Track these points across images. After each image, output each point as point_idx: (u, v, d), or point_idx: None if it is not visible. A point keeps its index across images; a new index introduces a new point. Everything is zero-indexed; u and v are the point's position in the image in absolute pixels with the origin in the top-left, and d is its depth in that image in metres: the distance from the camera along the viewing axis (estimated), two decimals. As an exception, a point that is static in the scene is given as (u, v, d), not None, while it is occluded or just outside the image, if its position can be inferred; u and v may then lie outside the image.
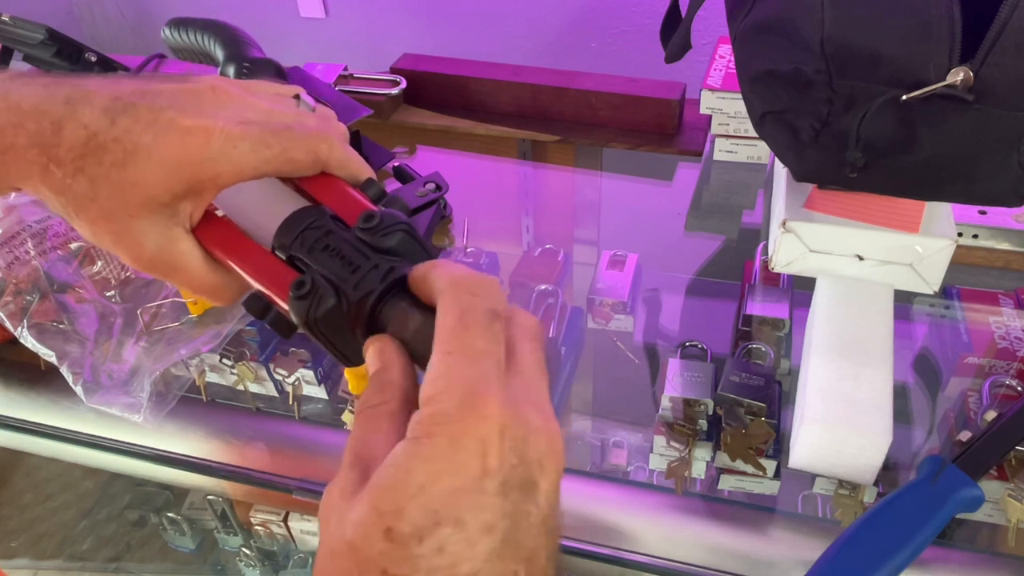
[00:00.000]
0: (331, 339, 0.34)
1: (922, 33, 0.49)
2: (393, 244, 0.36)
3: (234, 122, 0.36)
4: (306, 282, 0.34)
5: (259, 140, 0.36)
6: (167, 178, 0.35)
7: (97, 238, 0.37)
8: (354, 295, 0.34)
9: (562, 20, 1.44)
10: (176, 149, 0.35)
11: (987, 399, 0.60)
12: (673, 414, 0.60)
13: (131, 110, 0.35)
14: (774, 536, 0.56)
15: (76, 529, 1.28)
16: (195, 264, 0.38)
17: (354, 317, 0.34)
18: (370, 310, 0.34)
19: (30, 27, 0.98)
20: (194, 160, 0.35)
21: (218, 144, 0.35)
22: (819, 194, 0.61)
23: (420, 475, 0.26)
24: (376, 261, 0.35)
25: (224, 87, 0.38)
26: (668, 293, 0.77)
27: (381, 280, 0.34)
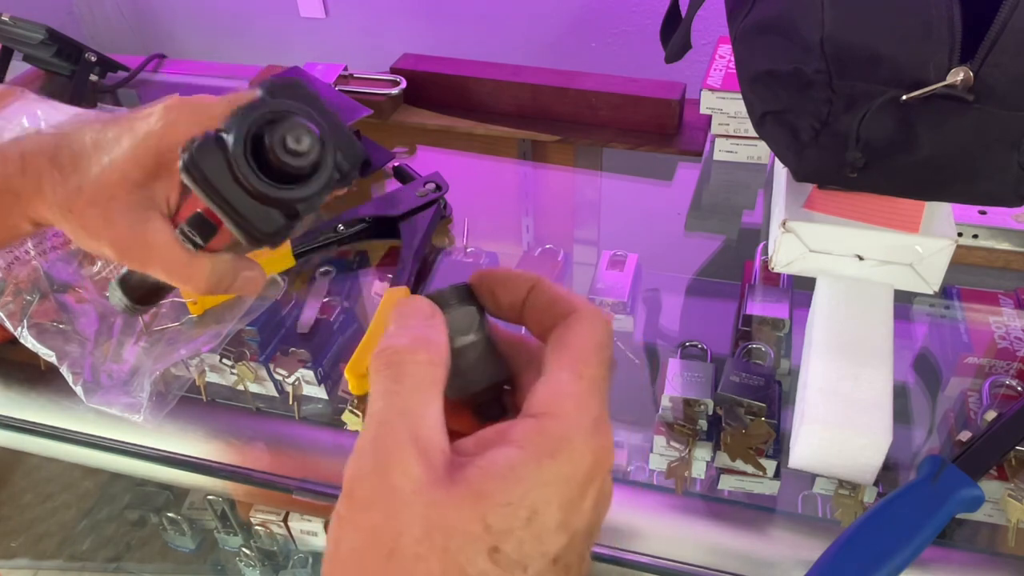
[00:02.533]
0: (218, 188, 0.37)
1: (922, 33, 0.49)
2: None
3: (181, 97, 0.43)
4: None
5: (207, 99, 0.43)
6: (135, 152, 0.41)
7: (83, 230, 0.42)
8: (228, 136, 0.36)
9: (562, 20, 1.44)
10: (139, 126, 0.42)
11: (987, 399, 0.60)
12: (673, 414, 0.60)
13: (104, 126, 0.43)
14: (774, 536, 0.56)
15: (76, 529, 1.28)
16: (169, 246, 0.42)
17: (236, 159, 0.35)
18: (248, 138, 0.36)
19: (30, 27, 0.98)
20: (154, 131, 0.41)
21: (172, 114, 0.42)
22: (819, 194, 0.61)
23: (536, 498, 0.24)
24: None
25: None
26: (668, 293, 0.77)
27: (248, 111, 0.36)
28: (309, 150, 0.36)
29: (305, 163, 0.36)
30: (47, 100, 0.95)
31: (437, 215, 0.78)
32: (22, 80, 1.06)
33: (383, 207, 0.78)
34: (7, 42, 1.02)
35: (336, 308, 0.72)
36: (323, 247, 0.77)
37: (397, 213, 0.77)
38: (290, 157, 0.36)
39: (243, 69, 1.08)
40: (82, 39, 1.03)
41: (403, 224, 0.77)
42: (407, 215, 0.77)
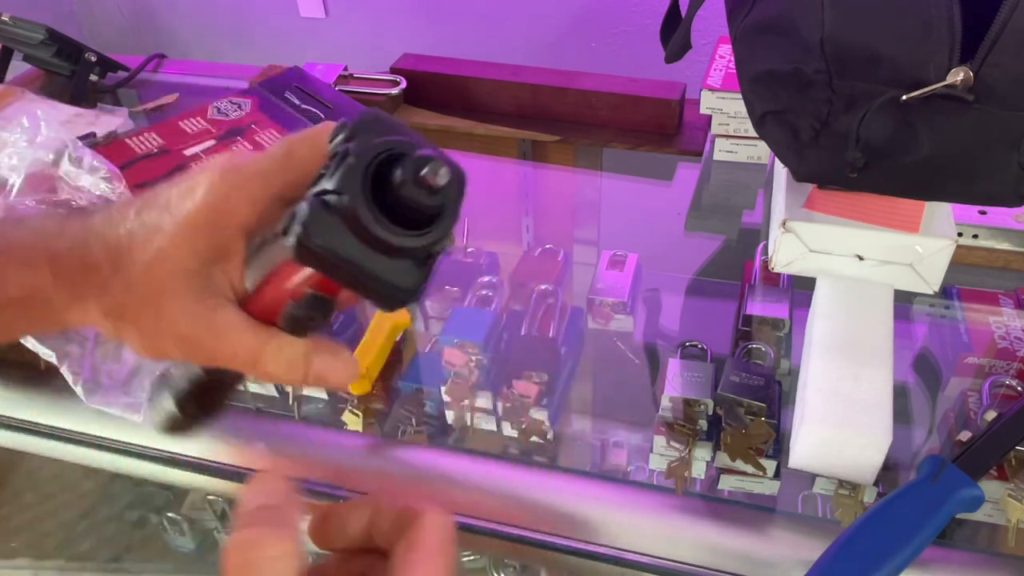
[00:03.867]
0: (346, 258, 0.32)
1: (922, 33, 0.49)
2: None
3: (227, 160, 0.36)
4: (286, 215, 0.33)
5: (260, 160, 0.36)
6: (186, 238, 0.35)
7: (141, 335, 0.36)
8: (336, 194, 0.32)
9: (562, 20, 1.44)
10: (182, 205, 0.35)
11: (987, 399, 0.60)
12: (673, 414, 0.60)
13: (136, 211, 0.36)
14: (774, 536, 0.56)
15: (76, 529, 1.28)
16: (238, 332, 0.36)
17: (351, 214, 0.31)
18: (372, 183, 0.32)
19: (30, 27, 0.98)
20: (202, 208, 0.35)
21: (219, 186, 0.35)
22: (819, 194, 0.61)
23: None
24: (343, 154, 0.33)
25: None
26: (668, 293, 0.77)
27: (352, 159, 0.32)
28: (449, 182, 0.32)
29: (444, 199, 0.32)
30: (47, 100, 0.95)
31: (437, 215, 0.78)
32: (22, 80, 1.06)
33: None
34: (7, 42, 1.02)
35: (336, 308, 0.72)
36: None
37: (397, 213, 0.77)
38: (426, 195, 0.31)
39: (243, 69, 1.08)
40: (82, 39, 1.03)
41: (403, 224, 0.77)
42: (407, 215, 0.77)
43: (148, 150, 0.80)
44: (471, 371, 0.64)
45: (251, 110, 0.85)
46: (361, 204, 0.31)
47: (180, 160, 0.79)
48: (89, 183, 0.73)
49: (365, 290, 0.34)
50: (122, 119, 0.95)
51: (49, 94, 0.98)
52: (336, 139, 0.33)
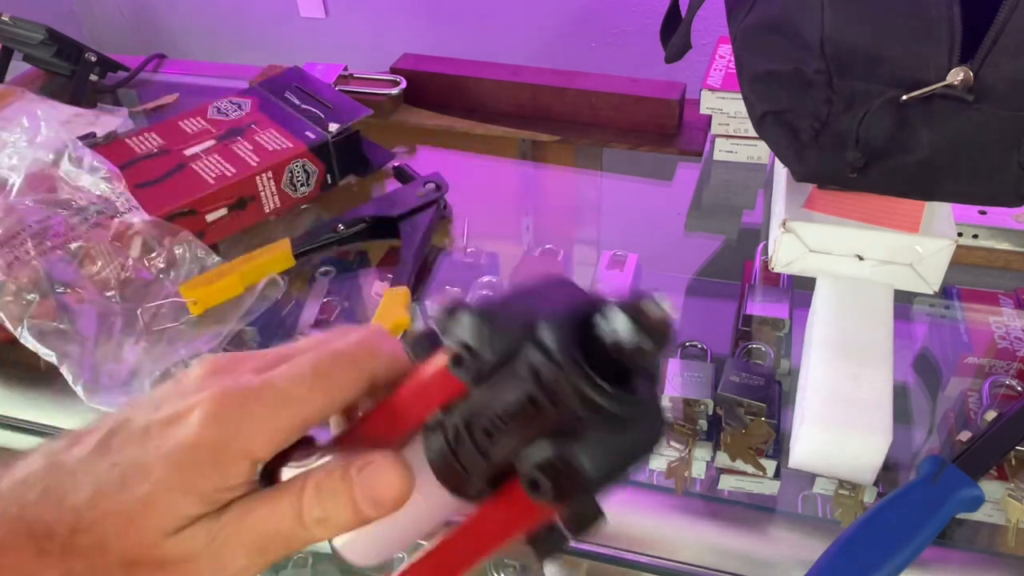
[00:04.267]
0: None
1: (922, 33, 0.49)
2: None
3: (234, 385, 0.28)
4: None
5: (282, 385, 0.28)
6: (182, 480, 0.27)
7: None
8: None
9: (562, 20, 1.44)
10: (175, 437, 0.27)
11: (987, 399, 0.60)
12: (673, 414, 0.60)
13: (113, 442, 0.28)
14: (774, 536, 0.56)
15: (76, 529, 1.28)
16: (267, 519, 0.28)
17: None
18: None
19: (30, 27, 0.98)
20: (204, 443, 0.27)
21: (224, 420, 0.27)
22: (819, 194, 0.61)
23: None
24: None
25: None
26: (668, 293, 0.77)
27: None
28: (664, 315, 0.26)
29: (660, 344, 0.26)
30: (47, 100, 0.95)
31: (437, 215, 0.78)
32: (22, 80, 1.06)
33: (383, 207, 0.78)
34: (7, 42, 1.02)
35: (336, 308, 0.72)
36: (323, 247, 0.77)
37: (397, 213, 0.77)
38: (648, 342, 0.26)
39: (243, 69, 1.08)
40: (82, 39, 1.03)
41: (403, 224, 0.77)
42: (407, 215, 0.77)
43: (148, 150, 0.80)
44: (471, 371, 0.64)
45: (251, 110, 0.85)
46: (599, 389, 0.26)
47: (180, 160, 0.79)
48: (89, 183, 0.73)
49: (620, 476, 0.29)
50: (122, 119, 0.95)
51: (49, 94, 0.98)
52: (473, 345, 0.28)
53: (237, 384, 0.28)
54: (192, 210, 0.75)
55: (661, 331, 0.26)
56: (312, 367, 0.29)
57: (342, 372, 0.29)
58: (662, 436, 0.30)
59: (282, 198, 0.80)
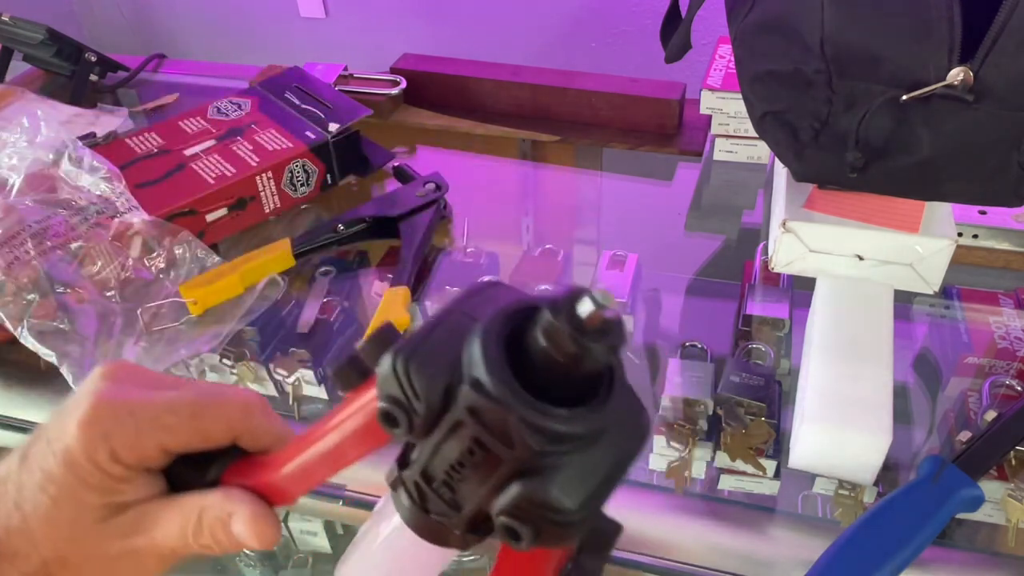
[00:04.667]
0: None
1: (922, 33, 0.49)
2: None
3: (114, 390, 0.32)
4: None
5: (159, 409, 0.32)
6: (73, 476, 0.30)
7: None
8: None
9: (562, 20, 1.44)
10: (50, 454, 0.31)
11: (987, 399, 0.60)
12: (673, 414, 0.60)
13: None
14: (774, 536, 0.56)
15: (76, 529, 1.28)
16: (170, 520, 0.32)
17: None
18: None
19: (30, 27, 0.98)
20: (80, 440, 0.30)
21: (105, 414, 0.30)
22: (819, 194, 0.61)
23: None
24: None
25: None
26: (668, 293, 0.77)
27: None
28: (612, 315, 0.23)
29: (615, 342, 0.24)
30: (47, 100, 0.95)
31: (437, 215, 0.78)
32: (22, 80, 1.06)
33: (383, 207, 0.78)
34: (7, 42, 1.02)
35: (336, 308, 0.72)
36: (323, 247, 0.77)
37: (397, 213, 0.77)
38: (598, 344, 0.23)
39: (243, 69, 1.08)
40: (82, 39, 1.03)
41: (403, 224, 0.77)
42: (407, 215, 0.77)
43: (148, 150, 0.80)
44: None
45: (251, 110, 0.85)
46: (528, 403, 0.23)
47: (180, 160, 0.79)
48: (89, 183, 0.73)
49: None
50: (122, 119, 0.95)
51: (49, 94, 0.98)
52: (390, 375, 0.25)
53: (118, 394, 0.31)
54: (192, 210, 0.75)
55: (602, 328, 0.23)
56: (190, 405, 0.32)
57: (213, 422, 0.32)
58: (646, 433, 0.27)
59: (282, 198, 0.80)
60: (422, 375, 0.24)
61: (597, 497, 0.25)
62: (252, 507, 0.32)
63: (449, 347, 0.25)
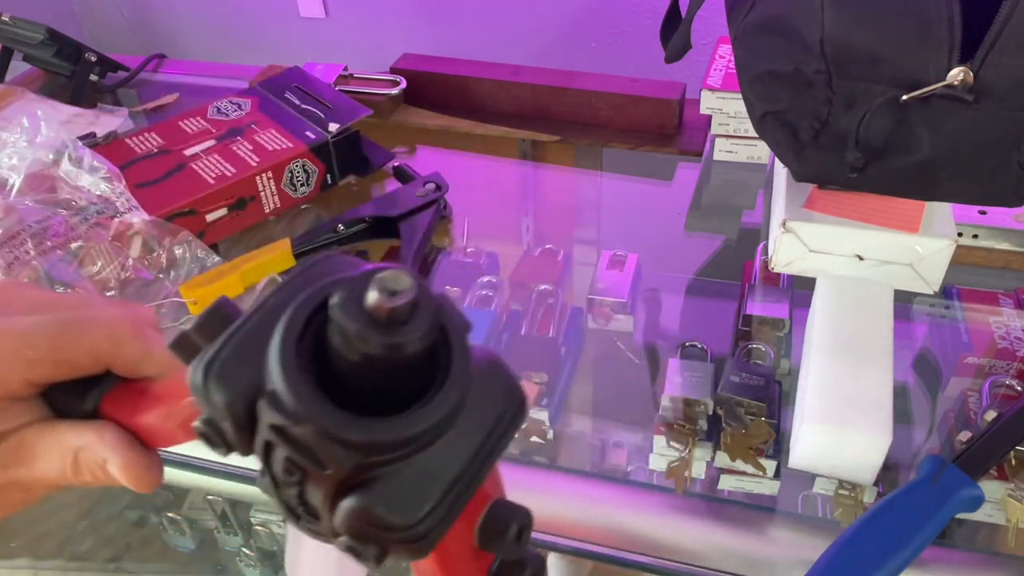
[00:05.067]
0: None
1: (922, 33, 0.49)
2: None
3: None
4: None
5: (22, 340, 0.30)
6: None
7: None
8: None
9: (562, 20, 1.44)
10: None
11: (987, 399, 0.60)
12: (673, 414, 0.60)
13: None
14: (774, 536, 0.56)
15: (76, 529, 1.28)
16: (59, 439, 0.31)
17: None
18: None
19: (30, 27, 0.98)
20: None
21: None
22: (819, 194, 0.61)
23: None
24: None
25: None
26: (668, 293, 0.77)
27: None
28: (417, 290, 0.20)
29: (423, 326, 0.21)
30: (47, 100, 0.95)
31: (437, 215, 0.78)
32: (22, 80, 1.06)
33: (383, 207, 0.78)
34: (7, 42, 1.02)
35: (336, 308, 0.72)
36: (323, 247, 0.77)
37: (397, 213, 0.77)
38: (396, 331, 0.20)
39: (243, 69, 1.08)
40: (82, 39, 1.03)
41: (403, 224, 0.77)
42: (407, 215, 0.77)
43: (148, 150, 0.80)
44: (471, 371, 0.64)
45: (251, 110, 0.85)
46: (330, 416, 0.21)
47: (180, 160, 0.79)
48: (89, 183, 0.73)
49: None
50: (122, 119, 0.95)
51: (49, 94, 0.98)
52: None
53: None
54: (192, 210, 0.75)
55: (391, 320, 0.20)
56: (50, 336, 0.30)
57: (76, 353, 0.30)
58: (506, 415, 0.24)
59: (282, 198, 0.80)
60: (221, 390, 0.22)
61: (446, 502, 0.22)
62: (125, 455, 0.30)
63: (255, 351, 0.22)
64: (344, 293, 0.20)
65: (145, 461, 0.31)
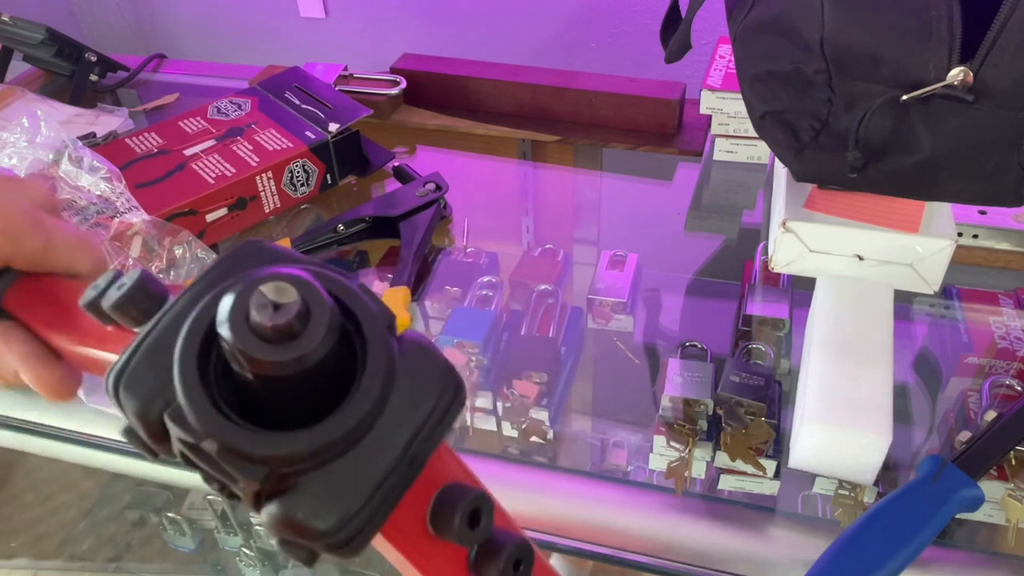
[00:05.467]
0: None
1: (922, 33, 0.49)
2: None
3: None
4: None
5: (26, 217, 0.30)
6: None
7: None
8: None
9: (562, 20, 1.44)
10: None
11: (987, 399, 0.60)
12: (673, 414, 0.60)
13: None
14: (774, 536, 0.56)
15: (76, 529, 1.28)
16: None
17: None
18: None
19: (30, 27, 0.98)
20: None
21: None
22: (819, 194, 0.61)
23: None
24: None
25: None
26: (668, 293, 0.77)
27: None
28: (310, 296, 0.20)
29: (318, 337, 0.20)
30: (47, 100, 0.95)
31: (437, 215, 0.78)
32: (22, 80, 1.06)
33: (383, 207, 0.78)
34: (7, 42, 1.02)
35: (336, 308, 0.72)
36: (323, 247, 0.77)
37: (397, 213, 0.77)
38: (284, 347, 0.19)
39: (243, 69, 1.08)
40: (82, 39, 1.03)
41: (403, 224, 0.77)
42: (407, 215, 0.77)
43: (148, 150, 0.80)
44: (471, 371, 0.64)
45: (251, 110, 0.85)
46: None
47: (180, 160, 0.79)
48: (89, 183, 0.73)
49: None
50: (122, 119, 0.95)
51: (49, 94, 0.98)
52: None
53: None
54: (192, 210, 0.75)
55: (279, 336, 0.19)
56: (40, 233, 0.30)
57: (31, 242, 0.30)
58: (440, 393, 0.23)
59: (282, 198, 0.80)
60: (132, 401, 0.21)
61: (372, 503, 0.21)
62: (34, 367, 0.30)
63: (164, 359, 0.21)
64: (229, 307, 0.19)
65: (57, 374, 0.30)
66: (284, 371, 0.19)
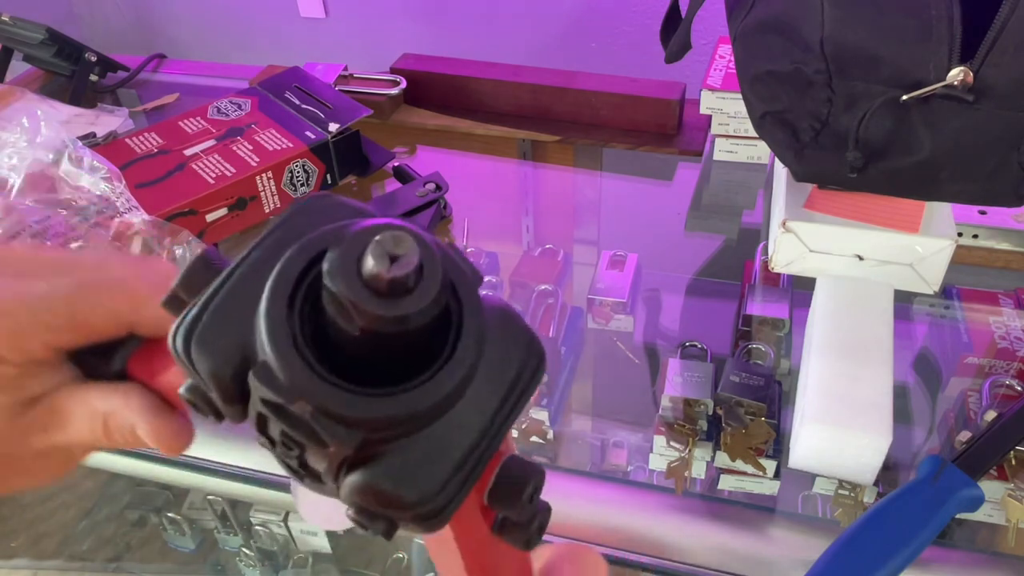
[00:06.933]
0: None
1: (922, 33, 0.49)
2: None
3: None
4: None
5: (38, 306, 0.28)
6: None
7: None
8: None
9: (562, 20, 1.44)
10: None
11: (987, 399, 0.60)
12: (673, 414, 0.60)
13: None
14: (774, 536, 0.56)
15: (76, 529, 1.28)
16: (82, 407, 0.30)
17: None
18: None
19: (30, 27, 0.98)
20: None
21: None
22: (819, 194, 0.61)
23: None
24: None
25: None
26: (668, 293, 0.77)
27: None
28: (425, 252, 0.19)
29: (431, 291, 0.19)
30: (47, 100, 0.95)
31: (437, 215, 0.78)
32: (22, 80, 1.06)
33: (383, 207, 0.78)
34: (7, 42, 1.02)
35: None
36: (323, 247, 0.76)
37: (397, 213, 0.77)
38: (400, 300, 0.18)
39: (243, 69, 1.08)
40: (82, 39, 1.03)
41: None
42: (407, 215, 0.77)
43: (148, 150, 0.80)
44: (471, 371, 0.64)
45: (251, 110, 0.85)
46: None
47: (180, 160, 0.79)
48: (89, 183, 0.73)
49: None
50: (122, 119, 0.95)
51: (49, 94, 0.98)
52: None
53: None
54: (192, 210, 0.75)
55: (394, 291, 0.18)
56: (66, 300, 0.29)
57: (95, 317, 0.29)
58: (524, 375, 0.22)
59: (282, 198, 0.80)
60: (205, 359, 0.20)
61: (462, 473, 0.21)
62: (151, 422, 0.30)
63: (241, 312, 0.20)
64: (338, 256, 0.18)
65: (173, 426, 0.30)
66: (394, 327, 0.18)
